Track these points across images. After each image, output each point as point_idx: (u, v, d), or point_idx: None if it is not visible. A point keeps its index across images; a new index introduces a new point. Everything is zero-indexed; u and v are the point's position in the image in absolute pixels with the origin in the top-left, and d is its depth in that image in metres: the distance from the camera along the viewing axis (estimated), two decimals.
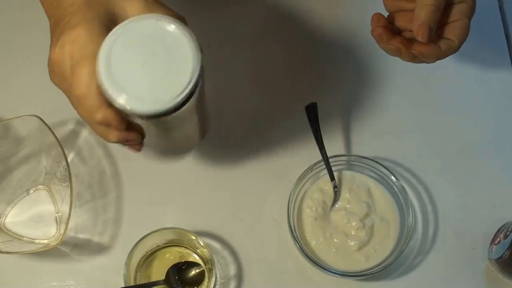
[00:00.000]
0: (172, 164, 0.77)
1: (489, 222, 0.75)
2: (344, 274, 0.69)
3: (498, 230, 0.74)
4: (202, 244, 0.68)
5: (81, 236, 0.73)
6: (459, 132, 0.80)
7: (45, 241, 0.72)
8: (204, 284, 0.69)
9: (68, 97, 0.53)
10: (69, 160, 0.73)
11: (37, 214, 0.74)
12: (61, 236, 0.67)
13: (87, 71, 0.49)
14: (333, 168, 0.73)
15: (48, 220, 0.74)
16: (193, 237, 0.68)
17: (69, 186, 0.67)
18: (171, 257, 0.71)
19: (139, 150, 0.59)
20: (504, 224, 0.74)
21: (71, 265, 0.72)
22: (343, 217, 0.72)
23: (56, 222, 0.73)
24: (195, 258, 0.71)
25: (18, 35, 0.83)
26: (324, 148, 0.73)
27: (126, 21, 0.47)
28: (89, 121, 0.52)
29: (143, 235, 0.67)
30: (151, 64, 0.47)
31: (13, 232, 0.73)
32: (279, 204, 0.75)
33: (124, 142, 0.54)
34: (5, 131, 0.71)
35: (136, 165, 0.77)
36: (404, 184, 0.73)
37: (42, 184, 0.75)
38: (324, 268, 0.69)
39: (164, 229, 0.68)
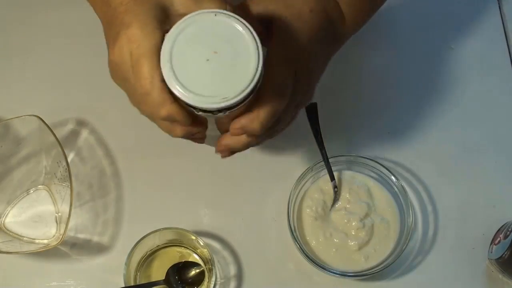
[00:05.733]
0: (172, 164, 0.77)
1: (489, 222, 0.75)
2: (344, 274, 0.69)
3: (498, 230, 0.74)
4: (202, 244, 0.68)
5: (81, 236, 0.73)
6: (459, 132, 0.80)
7: (45, 241, 0.72)
8: (204, 284, 0.69)
9: (130, 96, 0.53)
10: (69, 160, 0.73)
11: (37, 214, 0.74)
12: (61, 236, 0.67)
13: (148, 69, 0.48)
14: (333, 168, 0.73)
15: (48, 220, 0.74)
16: (193, 237, 0.68)
17: (69, 186, 0.67)
18: (171, 257, 0.71)
19: (202, 142, 0.57)
20: (504, 224, 0.74)
21: (71, 265, 0.72)
22: (343, 217, 0.72)
23: (56, 222, 0.73)
24: (195, 258, 0.71)
25: (18, 35, 0.83)
26: (324, 148, 0.73)
27: (188, 16, 0.47)
28: (153, 117, 0.52)
29: (143, 235, 0.67)
30: (213, 60, 0.47)
31: (13, 232, 0.73)
32: (279, 204, 0.75)
33: (190, 136, 0.54)
34: (5, 131, 0.71)
35: (136, 165, 0.77)
36: (404, 184, 0.73)
37: (42, 184, 0.75)
38: (324, 268, 0.69)
39: (164, 229, 0.68)
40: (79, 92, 0.80)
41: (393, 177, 0.72)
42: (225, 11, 0.47)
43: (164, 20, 0.49)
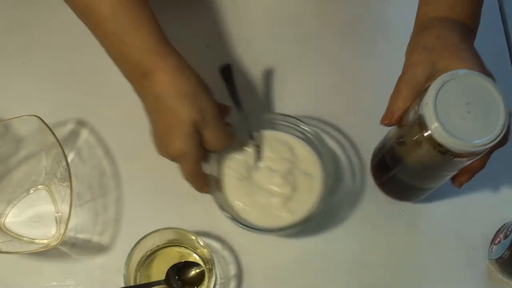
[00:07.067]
0: (171, 164, 0.77)
1: (489, 222, 0.75)
2: (270, 230, 0.69)
3: (498, 230, 0.74)
4: (202, 244, 0.68)
5: (81, 236, 0.73)
6: None
7: (45, 241, 0.72)
8: (204, 284, 0.69)
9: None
10: (69, 160, 0.73)
11: (37, 214, 0.74)
12: (61, 236, 0.67)
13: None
14: (254, 128, 0.73)
15: (48, 220, 0.74)
16: (193, 237, 0.68)
17: (69, 186, 0.67)
18: (171, 257, 0.71)
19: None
20: (504, 224, 0.74)
21: (71, 265, 0.72)
22: (266, 175, 0.72)
23: (56, 222, 0.73)
24: (195, 258, 0.72)
25: (18, 35, 0.83)
26: (243, 108, 0.72)
27: (453, 71, 0.57)
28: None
29: (143, 235, 0.67)
30: (469, 109, 0.56)
31: (13, 232, 0.73)
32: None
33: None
34: (5, 131, 0.71)
35: (136, 165, 0.77)
36: (324, 137, 0.74)
37: (42, 184, 0.75)
38: (250, 227, 0.69)
39: (164, 229, 0.68)
40: (79, 92, 0.80)
41: (313, 131, 0.72)
42: (476, 73, 0.58)
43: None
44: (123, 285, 0.67)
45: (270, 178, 0.72)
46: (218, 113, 0.66)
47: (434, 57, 0.61)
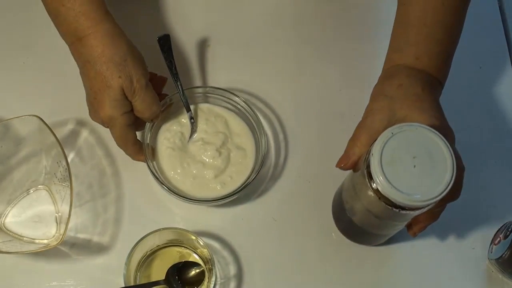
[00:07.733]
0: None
1: (489, 222, 0.75)
2: (200, 200, 0.71)
3: (498, 230, 0.74)
4: (202, 244, 0.68)
5: (81, 236, 0.73)
6: (458, 131, 0.79)
7: (45, 241, 0.72)
8: (204, 284, 0.69)
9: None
10: (69, 160, 0.73)
11: (37, 214, 0.74)
12: (61, 236, 0.67)
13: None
14: (191, 101, 0.75)
15: (48, 220, 0.74)
16: (193, 237, 0.68)
17: (69, 186, 0.67)
18: (171, 257, 0.71)
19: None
20: (504, 224, 0.74)
21: (71, 265, 0.72)
22: (200, 147, 0.74)
23: (56, 222, 0.73)
24: (195, 258, 0.72)
25: (18, 35, 0.83)
26: (179, 79, 0.73)
27: (402, 124, 0.56)
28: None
29: (143, 235, 0.67)
30: (416, 163, 0.55)
31: (13, 232, 0.73)
32: (279, 204, 0.75)
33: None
34: (5, 131, 0.71)
35: (136, 165, 0.77)
36: (258, 114, 0.75)
37: (42, 184, 0.75)
38: (181, 196, 0.70)
39: (164, 229, 0.68)
40: (79, 92, 0.80)
41: (248, 108, 0.74)
42: (426, 126, 0.56)
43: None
44: (123, 285, 0.67)
45: (204, 151, 0.74)
46: (148, 82, 0.68)
47: (394, 106, 0.61)
